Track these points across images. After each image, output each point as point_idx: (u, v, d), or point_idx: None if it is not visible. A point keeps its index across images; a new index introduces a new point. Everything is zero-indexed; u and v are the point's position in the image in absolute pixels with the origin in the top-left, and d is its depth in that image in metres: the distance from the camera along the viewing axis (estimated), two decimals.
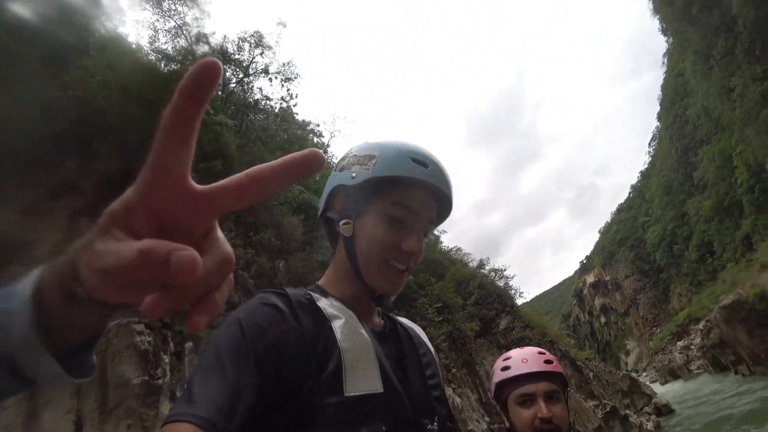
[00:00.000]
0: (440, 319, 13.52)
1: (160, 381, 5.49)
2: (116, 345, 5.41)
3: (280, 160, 0.32)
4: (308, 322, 0.68)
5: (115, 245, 0.27)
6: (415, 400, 0.73)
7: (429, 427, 0.73)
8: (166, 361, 5.88)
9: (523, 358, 1.36)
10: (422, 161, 0.78)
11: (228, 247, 0.31)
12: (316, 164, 0.32)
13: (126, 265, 0.25)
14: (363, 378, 0.66)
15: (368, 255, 0.78)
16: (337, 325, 0.71)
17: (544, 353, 1.39)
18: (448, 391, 11.12)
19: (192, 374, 0.59)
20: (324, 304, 0.74)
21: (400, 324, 0.91)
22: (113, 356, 5.31)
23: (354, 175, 0.79)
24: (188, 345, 6.46)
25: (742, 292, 21.77)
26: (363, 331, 0.73)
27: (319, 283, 0.85)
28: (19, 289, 0.33)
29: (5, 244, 5.14)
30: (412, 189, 0.78)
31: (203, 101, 0.28)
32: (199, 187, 0.30)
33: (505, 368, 1.37)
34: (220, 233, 0.32)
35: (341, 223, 0.80)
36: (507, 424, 1.36)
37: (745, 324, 21.03)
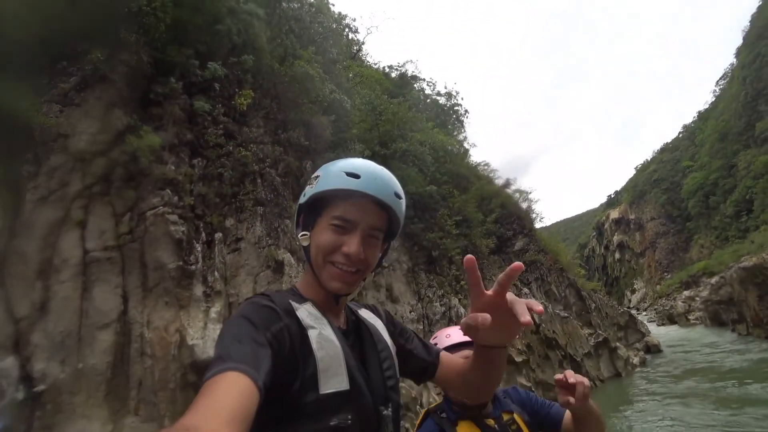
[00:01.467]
0: (458, 232, 13.68)
1: (193, 267, 6.04)
2: (153, 232, 5.85)
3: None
4: (294, 327, 0.82)
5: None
6: (374, 391, 0.88)
7: (384, 412, 0.89)
8: (198, 249, 6.40)
9: (447, 335, 1.65)
10: (355, 173, 0.90)
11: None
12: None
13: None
14: (334, 378, 0.81)
15: (317, 259, 0.93)
16: (313, 335, 0.84)
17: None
18: (455, 300, 11.82)
19: (215, 353, 0.68)
20: (302, 314, 0.87)
21: (362, 320, 1.05)
22: (150, 242, 5.78)
23: (305, 194, 0.96)
24: (218, 235, 6.92)
25: (767, 257, 21.23)
26: (334, 338, 0.86)
27: (297, 286, 1.01)
28: None
29: (45, 133, 5.31)
30: (348, 199, 0.90)
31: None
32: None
33: (448, 336, 1.66)
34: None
35: (300, 234, 0.96)
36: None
37: (759, 288, 20.85)
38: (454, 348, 1.56)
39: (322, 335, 0.85)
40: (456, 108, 27.77)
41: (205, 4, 8.45)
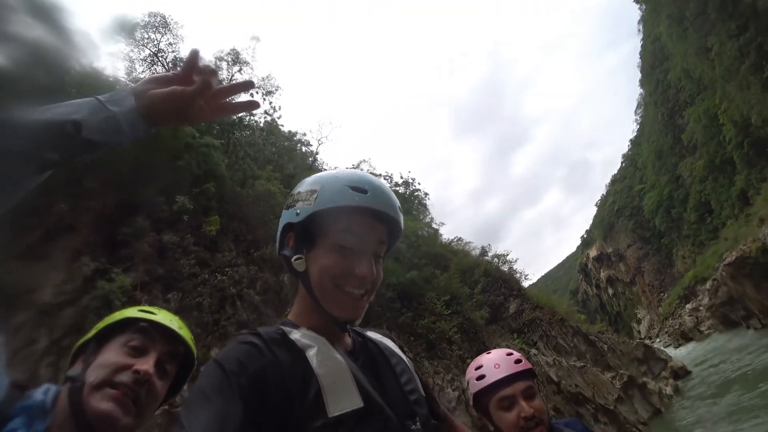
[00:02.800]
0: (449, 311, 13.53)
1: (179, 408, 5.51)
2: None
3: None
4: (284, 355, 0.73)
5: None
6: (395, 406, 0.78)
7: (413, 428, 0.78)
8: (185, 387, 5.91)
9: (495, 364, 1.42)
10: (361, 188, 0.81)
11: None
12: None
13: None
14: (343, 397, 0.71)
15: (322, 285, 0.81)
16: (311, 353, 0.75)
17: (512, 353, 1.46)
18: (465, 382, 11.16)
19: (179, 417, 0.63)
20: (296, 336, 0.79)
21: (370, 339, 0.96)
22: None
23: (298, 211, 0.83)
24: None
25: (745, 248, 21.95)
26: (336, 355, 0.78)
27: (289, 317, 0.89)
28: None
29: (8, 292, 5.13)
30: (355, 216, 0.81)
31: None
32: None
33: (480, 377, 1.43)
34: None
35: (293, 259, 0.83)
36: (492, 428, 1.42)
37: (751, 278, 21.20)
38: (501, 385, 1.37)
39: (322, 352, 0.76)
40: (416, 193, 29.20)
41: (164, 144, 9.01)
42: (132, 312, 0.98)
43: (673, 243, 59.41)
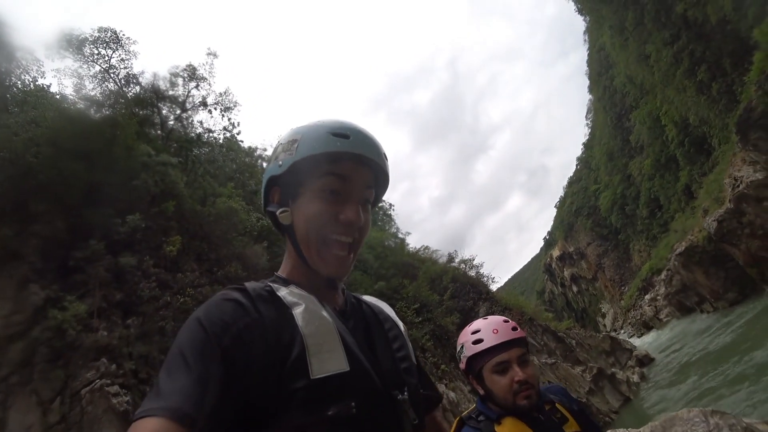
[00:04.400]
0: (420, 319, 13.62)
1: None
2: (92, 412, 5.06)
3: None
4: (270, 313, 0.69)
5: None
6: (383, 373, 0.75)
7: (399, 397, 0.74)
8: None
9: (493, 329, 1.45)
10: (343, 133, 0.78)
11: None
12: None
13: None
14: (328, 359, 0.68)
15: (307, 236, 0.79)
16: (297, 311, 0.72)
17: (508, 321, 1.50)
18: (441, 387, 11.17)
19: (157, 375, 0.60)
20: (284, 293, 0.75)
21: (365, 302, 0.93)
22: (90, 424, 4.96)
23: (281, 163, 0.80)
24: None
25: (693, 238, 23.44)
26: (324, 314, 0.74)
27: (278, 273, 0.86)
28: None
29: None
30: (338, 162, 0.78)
31: None
32: None
33: (477, 341, 1.45)
34: None
35: (279, 212, 0.81)
36: (482, 392, 1.45)
37: (701, 265, 22.63)
38: (498, 349, 1.40)
39: (309, 310, 0.73)
40: (381, 205, 29.36)
41: (119, 164, 8.60)
42: None
43: (629, 238, 62.58)
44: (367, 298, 0.97)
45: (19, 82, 10.47)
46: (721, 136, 29.94)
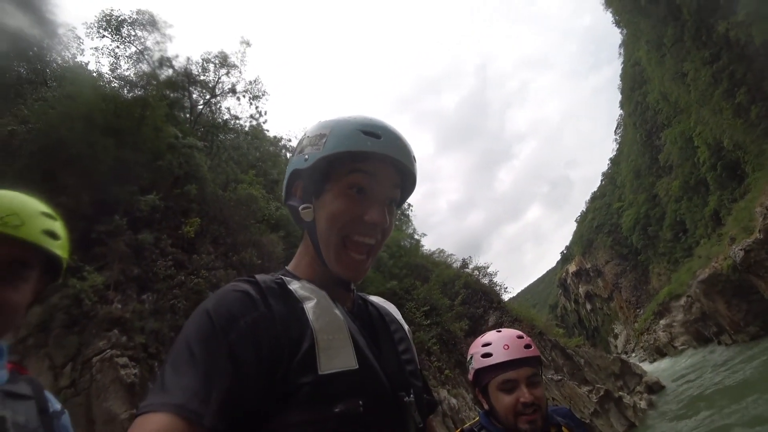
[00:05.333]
0: (428, 322, 13.56)
1: None
2: (101, 380, 5.23)
3: None
4: (279, 307, 0.68)
5: None
6: (390, 374, 0.74)
7: (406, 399, 0.73)
8: None
9: (504, 345, 1.39)
10: (374, 132, 0.76)
11: None
12: None
13: None
14: (337, 356, 0.67)
15: (328, 236, 0.76)
16: (308, 306, 0.70)
17: (523, 337, 1.44)
18: (443, 392, 11.10)
19: (162, 367, 0.59)
20: (295, 286, 0.73)
21: (371, 303, 0.92)
22: (98, 392, 5.13)
23: (306, 157, 0.78)
24: None
25: (717, 265, 22.64)
26: (336, 310, 0.73)
27: (288, 268, 0.84)
28: None
29: None
30: (367, 162, 0.76)
31: None
32: None
33: (486, 355, 1.40)
34: None
35: (301, 208, 0.79)
36: (486, 407, 1.41)
37: (723, 295, 21.85)
38: (504, 366, 1.35)
39: (321, 305, 0.71)
40: (411, 194, 29.33)
41: (146, 143, 8.84)
42: None
43: (649, 260, 60.89)
44: (374, 298, 0.96)
45: (59, 58, 10.87)
46: (755, 162, 28.82)
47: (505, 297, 22.30)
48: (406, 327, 0.93)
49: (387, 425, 0.70)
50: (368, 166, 0.76)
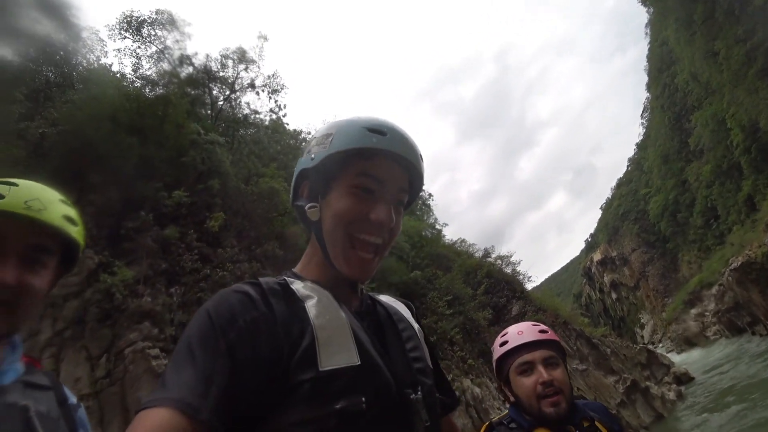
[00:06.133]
0: (451, 311, 13.49)
1: None
2: (134, 371, 5.45)
3: None
4: (281, 307, 0.68)
5: None
6: (396, 371, 0.72)
7: (412, 396, 0.72)
8: None
9: (518, 331, 1.42)
10: (379, 130, 0.76)
11: None
12: None
13: None
14: (338, 352, 0.66)
15: (334, 234, 0.76)
16: (309, 304, 0.71)
17: (538, 324, 1.45)
18: (467, 382, 11.09)
19: (165, 373, 0.60)
20: (298, 286, 0.74)
21: (380, 303, 0.91)
22: (131, 382, 5.36)
23: (313, 156, 0.78)
24: None
25: (751, 253, 21.75)
26: (338, 307, 0.73)
27: (294, 270, 0.84)
28: None
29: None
30: (373, 159, 0.76)
31: None
32: None
33: (503, 343, 1.43)
34: None
35: (307, 207, 0.79)
36: (512, 398, 1.40)
37: (757, 284, 21.01)
38: (527, 347, 1.37)
39: (322, 303, 0.71)
40: (420, 194, 29.20)
41: (169, 141, 9.07)
42: None
43: (678, 248, 58.96)
44: (384, 298, 0.95)
45: (84, 61, 11.21)
46: None
47: (529, 286, 22.07)
48: (416, 326, 0.92)
49: (391, 423, 0.68)
50: (374, 165, 0.76)
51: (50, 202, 0.85)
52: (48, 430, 0.78)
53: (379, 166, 0.77)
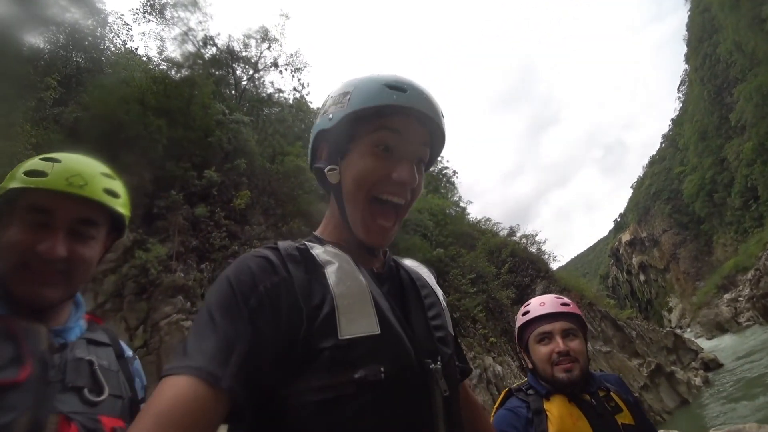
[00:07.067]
0: (474, 289, 13.49)
1: None
2: (168, 342, 5.80)
3: None
4: (300, 273, 0.67)
5: None
6: (417, 341, 0.71)
7: (432, 366, 0.70)
8: None
9: (540, 302, 1.49)
10: (399, 87, 0.73)
11: None
12: None
13: None
14: (358, 320, 0.65)
15: (355, 197, 0.75)
16: (330, 270, 0.69)
17: (561, 297, 1.50)
18: (488, 360, 11.20)
19: (186, 340, 0.60)
20: (318, 251, 0.73)
21: (403, 267, 0.88)
22: (166, 352, 5.71)
23: (330, 116, 0.76)
24: None
25: None
26: (358, 274, 0.71)
27: (316, 233, 0.84)
28: None
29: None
30: (393, 117, 0.74)
31: None
32: None
33: (525, 313, 1.50)
34: None
35: (327, 169, 0.76)
36: (530, 365, 1.47)
37: None
38: (546, 318, 1.42)
39: (343, 269, 0.70)
40: (444, 171, 28.92)
41: (196, 121, 9.28)
42: (17, 181, 0.84)
43: (713, 229, 56.63)
44: (408, 261, 0.94)
45: (111, 46, 11.47)
46: None
47: (554, 266, 21.68)
48: (439, 292, 0.90)
49: (410, 392, 0.67)
50: (394, 122, 0.74)
51: (92, 177, 0.88)
52: (110, 382, 0.88)
53: (399, 123, 0.74)
